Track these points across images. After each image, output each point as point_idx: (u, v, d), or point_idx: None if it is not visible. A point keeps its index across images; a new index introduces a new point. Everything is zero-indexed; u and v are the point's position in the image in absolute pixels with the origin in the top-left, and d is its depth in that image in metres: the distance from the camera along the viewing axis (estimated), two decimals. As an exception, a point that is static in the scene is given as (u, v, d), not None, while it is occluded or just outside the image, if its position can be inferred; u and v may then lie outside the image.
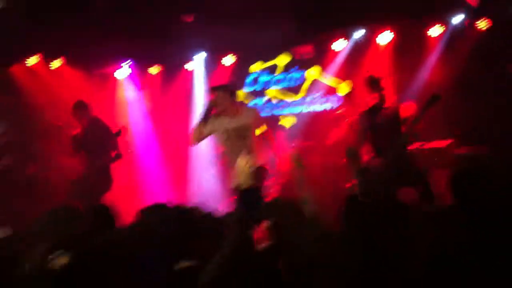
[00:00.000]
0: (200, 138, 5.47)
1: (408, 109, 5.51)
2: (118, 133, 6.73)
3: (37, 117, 8.83)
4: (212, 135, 5.55)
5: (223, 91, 5.36)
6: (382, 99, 5.55)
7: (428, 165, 6.12)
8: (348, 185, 7.44)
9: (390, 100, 5.57)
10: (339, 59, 8.68)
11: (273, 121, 9.18)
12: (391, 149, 5.27)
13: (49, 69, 8.84)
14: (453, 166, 6.41)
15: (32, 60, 8.56)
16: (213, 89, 5.46)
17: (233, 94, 5.51)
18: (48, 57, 8.70)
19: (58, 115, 8.61)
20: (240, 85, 9.54)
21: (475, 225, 2.55)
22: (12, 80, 8.43)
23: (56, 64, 8.83)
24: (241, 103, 7.78)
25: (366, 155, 5.61)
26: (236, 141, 5.34)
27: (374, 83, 5.60)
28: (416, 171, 5.39)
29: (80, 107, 6.93)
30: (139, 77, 9.71)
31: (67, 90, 8.81)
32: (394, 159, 5.25)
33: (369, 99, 6.75)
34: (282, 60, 9.26)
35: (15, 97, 8.60)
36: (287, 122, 9.13)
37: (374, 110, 5.61)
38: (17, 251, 3.40)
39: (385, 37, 8.20)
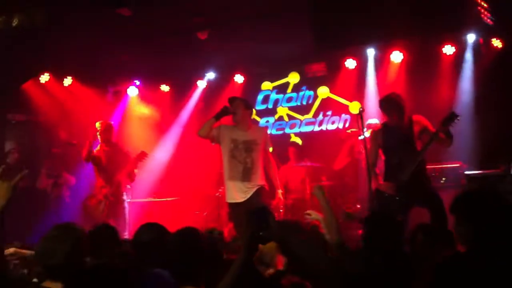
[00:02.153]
0: (207, 133, 5.68)
1: (419, 120, 5.37)
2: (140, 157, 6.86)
3: (49, 134, 8.89)
4: (216, 142, 5.76)
5: (241, 103, 5.71)
6: (400, 120, 5.36)
7: (438, 186, 5.99)
8: (357, 206, 7.37)
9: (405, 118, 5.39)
10: (352, 77, 8.61)
11: (284, 139, 9.11)
12: (407, 169, 5.14)
13: (61, 86, 8.89)
14: (463, 187, 6.30)
15: (44, 78, 8.61)
16: (232, 100, 5.79)
17: (249, 108, 5.84)
18: (60, 75, 8.75)
19: (71, 133, 8.67)
20: (251, 103, 9.48)
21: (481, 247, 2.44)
22: (24, 98, 8.46)
23: (67, 81, 8.87)
24: (253, 120, 7.86)
25: (379, 176, 5.47)
26: (243, 153, 5.61)
27: (391, 103, 5.42)
28: (431, 191, 5.26)
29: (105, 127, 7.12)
30: (151, 94, 9.74)
31: (79, 107, 8.85)
32: (410, 179, 5.12)
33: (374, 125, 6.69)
34: (294, 78, 9.22)
35: (28, 114, 8.66)
36: (296, 141, 9.07)
37: (388, 129, 5.46)
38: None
39: (396, 57, 8.14)
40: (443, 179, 6.62)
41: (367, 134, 6.01)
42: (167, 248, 2.99)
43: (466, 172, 6.62)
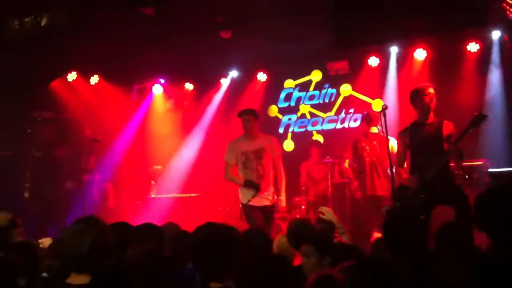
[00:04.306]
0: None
1: (450, 126, 5.32)
2: None
3: (76, 132, 9.05)
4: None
5: (251, 116, 6.06)
6: (425, 115, 5.33)
7: (461, 183, 5.94)
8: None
9: (432, 116, 5.36)
10: (375, 75, 8.58)
11: (306, 137, 9.13)
12: (432, 167, 5.11)
13: (88, 85, 9.04)
14: (487, 184, 6.24)
15: (71, 76, 8.77)
16: (242, 113, 6.11)
17: (257, 118, 6.13)
18: (87, 73, 8.90)
19: (96, 130, 8.83)
20: (274, 101, 9.54)
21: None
22: (51, 95, 8.63)
23: (94, 80, 9.02)
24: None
25: (405, 174, 5.44)
26: (254, 162, 6.02)
27: (417, 97, 5.38)
28: (457, 189, 5.22)
29: None
30: (175, 92, 9.85)
31: (104, 105, 9.00)
32: (435, 177, 5.09)
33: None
34: (316, 76, 9.22)
35: (54, 111, 8.83)
36: (318, 139, 9.09)
37: (416, 128, 5.42)
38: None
39: (419, 54, 8.09)
40: (466, 176, 6.57)
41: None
42: (192, 244, 3.03)
43: (490, 170, 6.55)
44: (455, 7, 6.55)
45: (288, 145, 9.32)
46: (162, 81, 9.64)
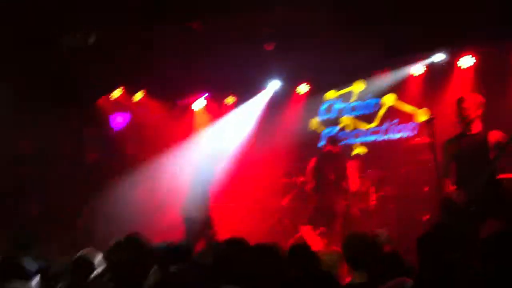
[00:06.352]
0: None
1: (496, 135, 5.19)
2: None
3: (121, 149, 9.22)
4: None
5: None
6: (465, 126, 5.23)
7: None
8: (426, 217, 7.17)
9: (478, 126, 5.24)
10: (418, 84, 8.44)
11: (347, 150, 9.02)
12: (478, 179, 4.98)
13: (132, 101, 9.19)
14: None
15: (116, 93, 8.93)
16: None
17: None
18: (132, 89, 9.06)
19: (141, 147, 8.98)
20: (315, 112, 9.50)
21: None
22: (98, 113, 8.83)
23: (138, 96, 9.17)
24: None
25: (451, 186, 5.31)
26: None
27: (456, 108, 5.29)
28: (506, 202, 5.07)
29: None
30: (216, 107, 9.91)
31: (148, 121, 9.15)
32: (482, 189, 4.96)
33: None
34: (358, 87, 9.14)
35: (102, 129, 9.01)
36: (359, 151, 8.97)
37: (460, 138, 5.31)
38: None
39: (466, 61, 7.91)
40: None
41: None
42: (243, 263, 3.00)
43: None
44: (504, 14, 6.42)
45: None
46: (206, 94, 9.70)
